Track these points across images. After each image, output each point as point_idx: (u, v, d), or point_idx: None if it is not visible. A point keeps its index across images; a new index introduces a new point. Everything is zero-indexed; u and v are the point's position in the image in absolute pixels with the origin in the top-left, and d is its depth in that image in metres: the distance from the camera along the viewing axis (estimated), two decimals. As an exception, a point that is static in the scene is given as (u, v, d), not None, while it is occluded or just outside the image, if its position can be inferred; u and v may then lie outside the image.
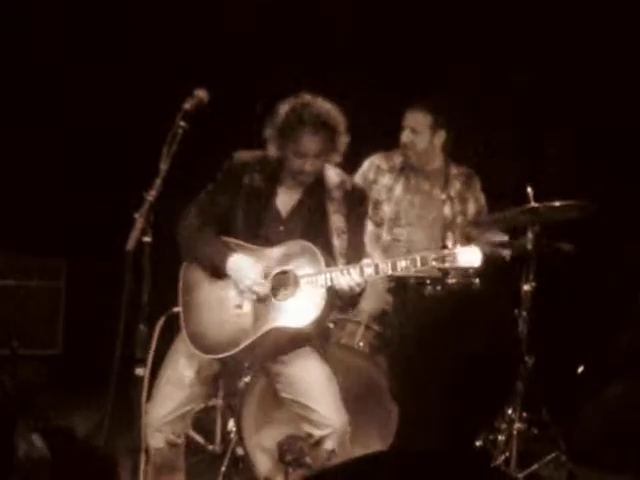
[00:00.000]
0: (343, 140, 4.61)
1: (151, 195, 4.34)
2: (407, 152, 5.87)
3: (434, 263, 4.37)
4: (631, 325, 5.63)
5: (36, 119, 6.57)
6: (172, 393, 4.59)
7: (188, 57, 6.59)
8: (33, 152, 6.56)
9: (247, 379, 5.06)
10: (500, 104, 6.51)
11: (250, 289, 4.51)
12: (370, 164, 5.93)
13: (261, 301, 4.53)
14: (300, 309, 4.50)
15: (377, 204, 5.92)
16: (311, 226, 4.64)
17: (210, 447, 5.56)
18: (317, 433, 4.53)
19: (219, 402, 5.47)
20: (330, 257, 4.51)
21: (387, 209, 5.93)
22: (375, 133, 5.95)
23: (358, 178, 5.84)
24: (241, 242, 4.62)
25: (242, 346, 4.52)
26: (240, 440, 5.16)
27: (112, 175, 6.25)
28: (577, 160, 6.44)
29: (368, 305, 5.44)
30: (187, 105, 4.46)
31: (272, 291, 4.55)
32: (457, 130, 5.89)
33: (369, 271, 4.42)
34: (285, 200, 4.71)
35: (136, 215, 4.34)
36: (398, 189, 5.94)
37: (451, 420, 2.36)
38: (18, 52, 6.65)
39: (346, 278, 4.40)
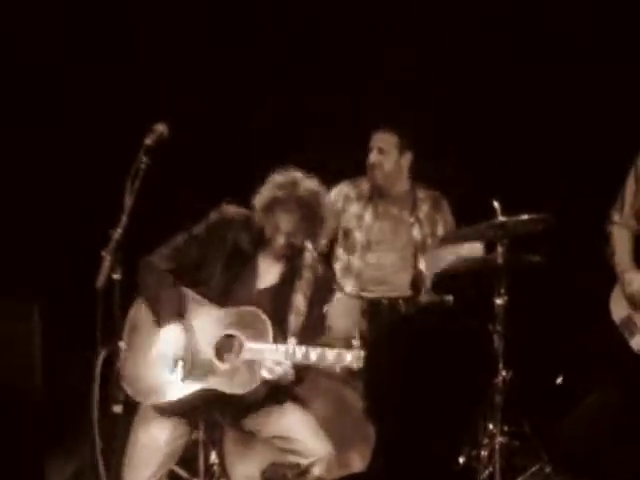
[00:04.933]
0: (325, 224, 4.63)
1: (117, 232, 4.30)
2: (374, 173, 5.85)
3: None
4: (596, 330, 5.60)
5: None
6: (149, 457, 4.54)
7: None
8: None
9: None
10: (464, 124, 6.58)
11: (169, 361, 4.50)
12: (338, 193, 5.92)
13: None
14: (237, 377, 4.47)
15: (347, 232, 5.93)
16: (278, 299, 4.62)
17: (194, 481, 5.38)
18: (304, 462, 4.49)
19: (200, 435, 5.25)
20: (283, 333, 4.50)
21: (358, 236, 5.93)
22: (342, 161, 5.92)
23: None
24: (199, 297, 4.58)
25: (168, 398, 4.49)
26: (223, 472, 5.03)
27: (78, 214, 6.26)
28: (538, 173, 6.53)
29: (344, 325, 5.45)
30: (148, 140, 4.43)
31: (216, 352, 4.50)
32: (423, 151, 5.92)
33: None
34: (266, 269, 4.69)
35: (103, 253, 4.29)
36: (367, 216, 5.95)
37: (428, 437, 2.25)
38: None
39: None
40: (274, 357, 4.42)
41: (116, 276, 4.31)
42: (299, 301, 4.63)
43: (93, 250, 4.36)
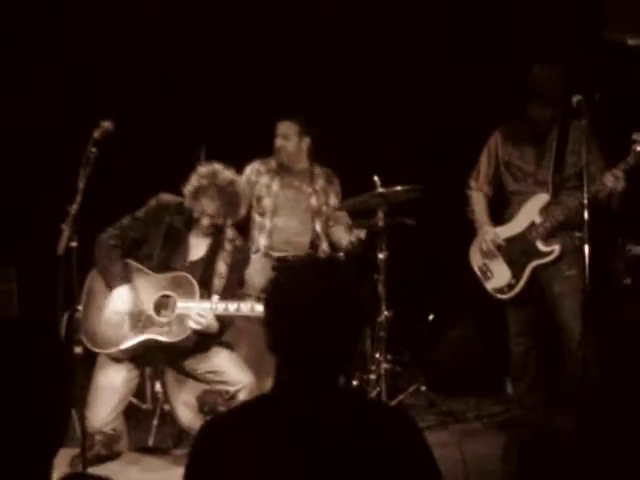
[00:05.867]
0: (240, 204, 4.92)
1: (73, 208, 4.53)
2: (280, 154, 6.06)
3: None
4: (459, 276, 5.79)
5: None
6: (109, 397, 4.76)
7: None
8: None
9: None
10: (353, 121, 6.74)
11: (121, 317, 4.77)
12: (252, 169, 6.12)
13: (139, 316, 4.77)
14: (171, 328, 4.75)
15: (259, 199, 6.08)
16: (205, 267, 4.89)
17: (143, 406, 5.66)
18: (231, 389, 4.82)
19: (147, 370, 5.46)
20: (208, 293, 4.82)
21: (268, 202, 6.07)
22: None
23: (243, 179, 5.92)
24: (140, 266, 4.85)
25: (121, 347, 4.74)
26: (166, 398, 5.27)
27: (43, 196, 6.23)
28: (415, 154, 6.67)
29: (258, 280, 5.59)
30: (96, 134, 4.65)
31: (155, 309, 4.77)
32: (318, 137, 6.08)
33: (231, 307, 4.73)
34: (195, 245, 4.95)
35: (63, 225, 4.54)
36: (275, 186, 6.08)
37: (321, 361, 2.38)
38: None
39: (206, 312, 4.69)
40: (200, 311, 4.68)
41: (73, 244, 4.53)
42: (221, 267, 4.92)
43: (55, 223, 4.56)
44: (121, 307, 4.75)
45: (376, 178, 5.71)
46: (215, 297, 4.75)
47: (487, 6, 6.57)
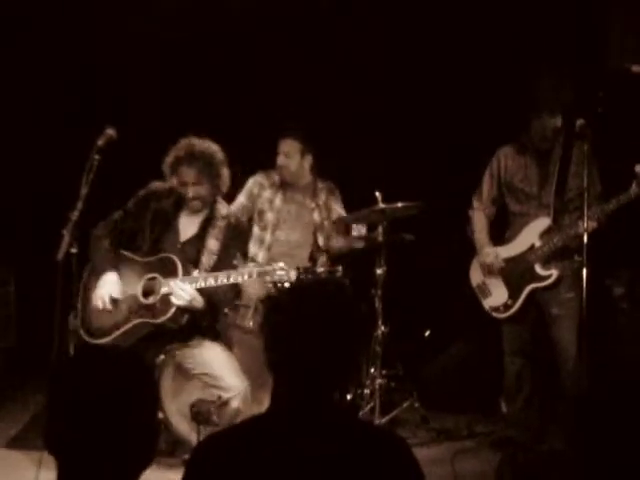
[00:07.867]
0: (221, 171, 4.91)
1: (74, 215, 4.57)
2: (282, 172, 6.03)
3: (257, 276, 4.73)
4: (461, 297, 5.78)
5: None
6: None
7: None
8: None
9: (162, 357, 5.14)
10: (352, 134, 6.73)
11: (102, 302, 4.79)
12: (254, 181, 6.10)
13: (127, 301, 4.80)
14: (158, 309, 4.77)
15: (261, 213, 6.06)
16: (198, 245, 4.92)
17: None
18: (225, 395, 4.84)
19: None
20: (194, 269, 4.84)
21: (270, 216, 6.05)
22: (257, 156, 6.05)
23: (245, 193, 6.03)
24: (130, 254, 4.91)
25: (115, 335, 4.79)
26: (160, 407, 5.16)
27: (44, 202, 6.31)
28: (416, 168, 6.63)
29: (255, 291, 5.55)
30: (99, 141, 4.72)
31: (143, 293, 4.80)
32: (320, 153, 6.06)
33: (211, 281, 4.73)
34: (186, 224, 4.98)
35: (63, 231, 4.55)
36: (278, 200, 6.06)
37: (320, 380, 2.36)
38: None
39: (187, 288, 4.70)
40: (180, 286, 4.71)
41: (73, 250, 4.58)
42: (212, 244, 4.93)
43: (55, 229, 4.60)
44: (108, 292, 4.78)
45: (378, 193, 5.71)
46: (195, 271, 4.75)
47: (492, 22, 6.60)
